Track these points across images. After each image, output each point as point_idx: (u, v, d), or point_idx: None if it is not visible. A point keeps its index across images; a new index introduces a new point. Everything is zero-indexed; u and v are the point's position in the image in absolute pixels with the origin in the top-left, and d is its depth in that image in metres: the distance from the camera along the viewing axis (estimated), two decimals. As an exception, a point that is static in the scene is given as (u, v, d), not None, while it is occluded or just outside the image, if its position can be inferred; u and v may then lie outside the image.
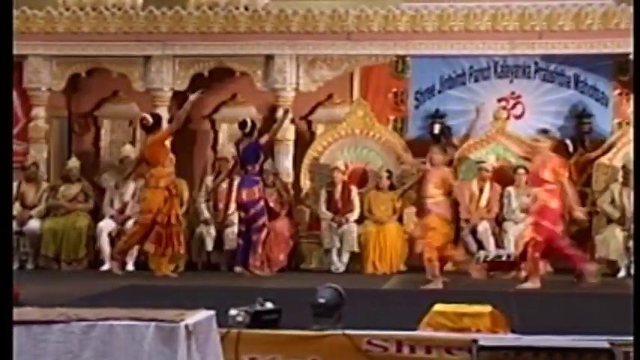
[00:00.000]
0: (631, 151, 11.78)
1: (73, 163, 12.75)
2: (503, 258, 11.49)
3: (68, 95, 13.43)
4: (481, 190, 12.30)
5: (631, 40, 10.56)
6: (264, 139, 11.50)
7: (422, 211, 11.06)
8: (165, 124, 11.67)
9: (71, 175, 12.64)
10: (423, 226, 10.78)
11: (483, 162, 12.36)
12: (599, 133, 12.83)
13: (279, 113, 12.02)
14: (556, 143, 10.99)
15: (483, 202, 12.24)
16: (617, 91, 13.12)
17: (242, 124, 11.63)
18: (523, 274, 10.68)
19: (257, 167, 11.39)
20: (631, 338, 6.61)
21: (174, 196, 11.29)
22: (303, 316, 6.90)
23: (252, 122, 11.67)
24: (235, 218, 11.99)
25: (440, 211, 10.52)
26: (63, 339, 5.46)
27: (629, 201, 11.83)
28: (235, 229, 11.93)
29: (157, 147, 11.31)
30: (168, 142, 11.75)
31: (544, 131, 11.08)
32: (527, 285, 10.31)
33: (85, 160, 13.27)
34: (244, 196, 11.33)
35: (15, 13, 11.78)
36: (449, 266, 11.24)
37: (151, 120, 11.46)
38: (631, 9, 11.86)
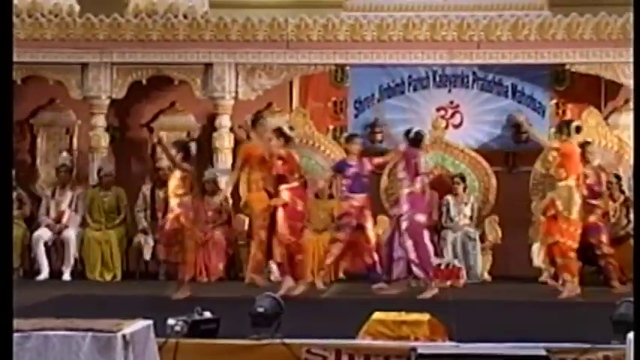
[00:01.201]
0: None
1: (7, 171, 12.57)
2: (442, 266, 11.56)
3: (3, 103, 13.24)
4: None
5: (631, 39, 10.69)
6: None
7: None
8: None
9: (5, 183, 12.46)
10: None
11: None
12: (536, 143, 12.96)
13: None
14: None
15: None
16: (554, 101, 13.30)
17: (350, 138, 11.48)
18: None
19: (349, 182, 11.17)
20: (566, 345, 6.72)
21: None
22: (242, 326, 6.87)
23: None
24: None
25: (182, 211, 10.20)
26: (-3, 350, 5.36)
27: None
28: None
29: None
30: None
31: (281, 132, 10.91)
32: (283, 288, 10.07)
33: (21, 168, 13.10)
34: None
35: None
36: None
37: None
38: (568, 20, 12.04)
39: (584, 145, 11.22)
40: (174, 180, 10.31)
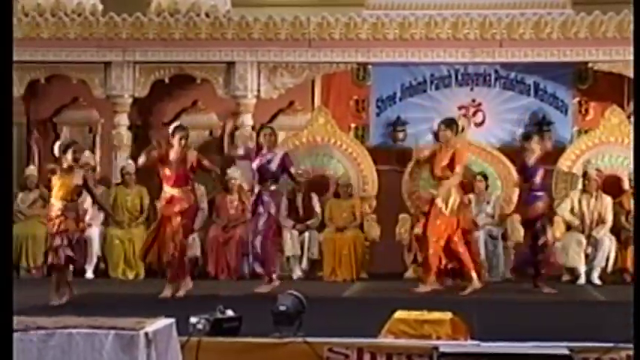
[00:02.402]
0: (593, 158, 12.03)
1: (31, 170, 12.65)
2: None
3: (27, 102, 13.32)
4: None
5: (631, 38, 10.65)
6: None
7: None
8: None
9: (28, 182, 12.53)
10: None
11: None
12: (558, 141, 12.93)
13: None
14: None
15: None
16: (577, 99, 13.25)
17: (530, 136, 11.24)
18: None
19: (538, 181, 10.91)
20: (589, 344, 6.69)
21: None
22: (264, 324, 6.88)
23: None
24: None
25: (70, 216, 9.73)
26: (21, 347, 5.40)
27: (588, 208, 11.93)
28: (196, 236, 12.05)
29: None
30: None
31: (178, 130, 10.51)
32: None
33: (44, 166, 13.16)
34: (528, 213, 11.05)
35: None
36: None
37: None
38: (591, 18, 12.00)
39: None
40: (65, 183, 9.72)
